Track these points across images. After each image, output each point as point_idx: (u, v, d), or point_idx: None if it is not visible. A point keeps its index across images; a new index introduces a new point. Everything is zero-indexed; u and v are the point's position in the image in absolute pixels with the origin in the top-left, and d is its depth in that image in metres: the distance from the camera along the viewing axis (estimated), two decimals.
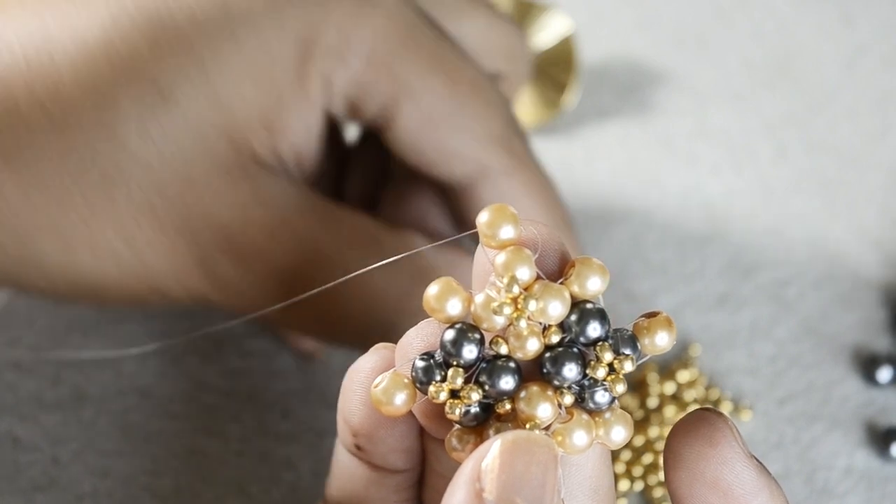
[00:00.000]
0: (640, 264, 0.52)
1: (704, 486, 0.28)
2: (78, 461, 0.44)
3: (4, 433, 0.45)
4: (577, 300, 0.27)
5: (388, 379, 0.28)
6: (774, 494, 0.29)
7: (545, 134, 0.56)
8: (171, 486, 0.44)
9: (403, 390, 0.28)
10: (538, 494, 0.26)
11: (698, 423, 0.28)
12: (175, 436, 0.45)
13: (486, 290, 0.27)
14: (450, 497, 0.26)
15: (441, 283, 0.27)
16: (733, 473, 0.28)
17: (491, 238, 0.27)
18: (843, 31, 0.59)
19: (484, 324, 0.27)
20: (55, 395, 0.46)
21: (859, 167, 0.55)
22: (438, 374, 0.27)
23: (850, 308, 0.50)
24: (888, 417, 0.47)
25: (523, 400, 0.27)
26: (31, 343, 0.48)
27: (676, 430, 0.29)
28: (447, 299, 0.27)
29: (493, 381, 0.27)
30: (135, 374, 0.47)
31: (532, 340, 0.27)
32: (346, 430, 0.31)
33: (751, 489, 0.28)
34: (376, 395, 0.28)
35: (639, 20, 0.60)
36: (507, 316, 0.27)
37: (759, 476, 0.28)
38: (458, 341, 0.27)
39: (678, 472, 0.28)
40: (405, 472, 0.31)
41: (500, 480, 0.25)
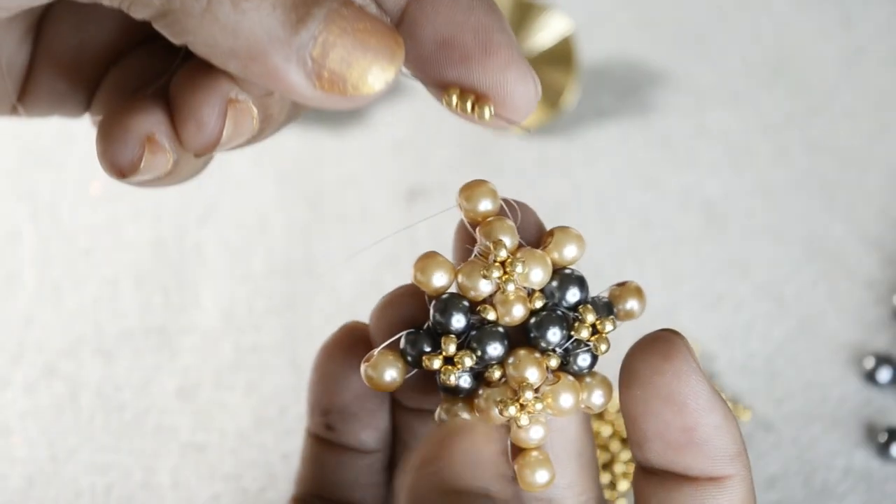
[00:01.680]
0: (639, 264, 0.52)
1: (659, 401, 0.27)
2: (75, 457, 0.44)
3: (1, 430, 0.45)
4: (557, 267, 0.29)
5: (377, 355, 0.29)
6: (728, 416, 0.28)
7: (545, 134, 0.56)
8: (168, 482, 0.44)
9: (393, 365, 0.28)
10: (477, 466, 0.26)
11: (654, 341, 0.28)
12: (172, 431, 0.45)
13: (471, 259, 0.28)
14: (410, 484, 0.27)
15: (426, 256, 0.28)
16: (688, 387, 0.27)
17: (471, 211, 0.28)
18: (843, 31, 0.59)
19: (471, 293, 0.28)
20: (51, 391, 0.46)
21: (859, 167, 0.55)
22: (427, 344, 0.28)
23: (848, 308, 0.50)
24: (887, 417, 0.47)
25: (512, 365, 0.28)
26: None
27: (633, 350, 0.28)
28: (433, 271, 0.28)
29: (483, 347, 0.28)
30: (132, 370, 0.47)
31: (518, 306, 0.28)
32: (318, 408, 0.31)
33: (705, 405, 0.27)
34: (367, 373, 0.28)
35: (639, 20, 0.60)
36: (496, 279, 0.28)
37: (713, 394, 0.28)
38: (447, 310, 0.28)
39: (633, 389, 0.28)
40: (376, 452, 0.31)
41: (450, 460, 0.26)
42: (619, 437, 0.47)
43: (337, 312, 0.49)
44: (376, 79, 0.26)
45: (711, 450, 0.28)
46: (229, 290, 0.50)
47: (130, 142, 0.28)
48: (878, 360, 0.48)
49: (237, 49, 0.25)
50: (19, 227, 0.52)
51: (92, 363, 0.48)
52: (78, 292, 0.50)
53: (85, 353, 0.48)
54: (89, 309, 0.49)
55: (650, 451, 0.28)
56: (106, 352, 0.48)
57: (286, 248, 0.52)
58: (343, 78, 0.26)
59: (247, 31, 0.25)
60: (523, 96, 0.27)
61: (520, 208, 0.29)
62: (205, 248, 0.51)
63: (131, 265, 0.51)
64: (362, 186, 0.54)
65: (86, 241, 0.52)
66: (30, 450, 0.45)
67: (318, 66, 0.25)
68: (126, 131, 0.28)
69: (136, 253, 0.51)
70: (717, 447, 0.28)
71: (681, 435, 0.27)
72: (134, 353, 0.48)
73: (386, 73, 0.26)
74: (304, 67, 0.25)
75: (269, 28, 0.25)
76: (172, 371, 0.47)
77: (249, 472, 0.44)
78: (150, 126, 0.28)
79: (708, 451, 0.28)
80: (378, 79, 0.26)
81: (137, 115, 0.28)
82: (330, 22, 0.25)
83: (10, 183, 0.54)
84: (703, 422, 0.27)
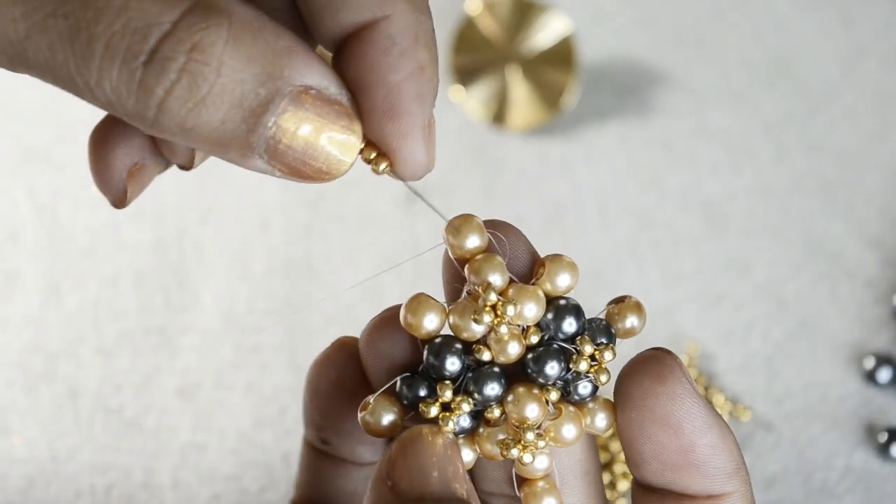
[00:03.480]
0: (639, 263, 0.52)
1: (654, 424, 0.27)
2: (75, 457, 0.44)
3: (2, 429, 0.45)
4: (551, 298, 0.28)
5: (373, 403, 0.28)
6: (725, 433, 0.28)
7: (545, 134, 0.56)
8: (168, 482, 0.44)
9: (390, 410, 0.28)
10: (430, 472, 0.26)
11: (647, 362, 0.28)
12: (173, 432, 0.45)
13: (461, 299, 0.27)
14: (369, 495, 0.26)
15: (415, 299, 0.27)
16: (683, 409, 0.27)
17: (458, 248, 0.28)
18: (843, 31, 0.59)
19: (463, 333, 0.27)
20: (51, 391, 0.46)
21: (859, 167, 0.55)
22: (423, 388, 0.28)
23: (848, 307, 0.50)
24: (887, 417, 0.47)
25: (511, 403, 0.27)
26: None
27: (626, 372, 0.28)
28: (424, 314, 0.27)
29: (480, 389, 0.27)
30: (132, 370, 0.47)
31: (513, 344, 0.27)
32: (312, 424, 0.31)
33: (701, 426, 0.27)
34: (365, 419, 0.28)
35: (639, 20, 0.60)
36: (488, 323, 0.27)
37: (709, 414, 0.27)
38: (441, 354, 0.27)
39: (628, 412, 0.28)
40: (373, 464, 0.31)
41: (401, 474, 0.26)
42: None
43: (337, 313, 0.49)
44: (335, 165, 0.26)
45: (709, 470, 0.27)
46: (229, 290, 0.50)
47: (116, 178, 0.29)
48: (878, 360, 0.48)
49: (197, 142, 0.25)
50: (19, 227, 0.52)
51: (92, 363, 0.48)
52: (78, 292, 0.50)
53: (85, 353, 0.48)
54: (89, 309, 0.49)
55: (647, 471, 0.28)
56: (106, 352, 0.48)
57: (286, 248, 0.52)
58: (303, 167, 0.26)
59: (204, 130, 0.25)
60: (414, 165, 0.27)
61: (509, 233, 0.28)
62: (205, 248, 0.51)
63: (131, 265, 0.51)
64: (362, 187, 0.54)
65: (86, 241, 0.52)
66: (30, 450, 0.45)
67: (276, 159, 0.25)
68: (109, 168, 0.29)
69: (136, 253, 0.51)
70: (714, 467, 0.27)
71: (677, 457, 0.27)
72: (134, 353, 0.48)
73: (344, 158, 0.26)
74: (264, 158, 0.25)
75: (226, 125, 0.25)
76: (172, 371, 0.47)
77: (249, 473, 0.44)
78: (130, 157, 0.29)
79: (706, 472, 0.27)
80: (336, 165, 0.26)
81: (117, 146, 0.29)
82: (284, 116, 0.25)
83: (10, 183, 0.53)
84: (700, 442, 0.27)
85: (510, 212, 0.53)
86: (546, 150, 0.55)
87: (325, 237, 0.52)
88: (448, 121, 0.56)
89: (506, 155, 0.55)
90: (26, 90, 0.57)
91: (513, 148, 0.55)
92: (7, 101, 0.56)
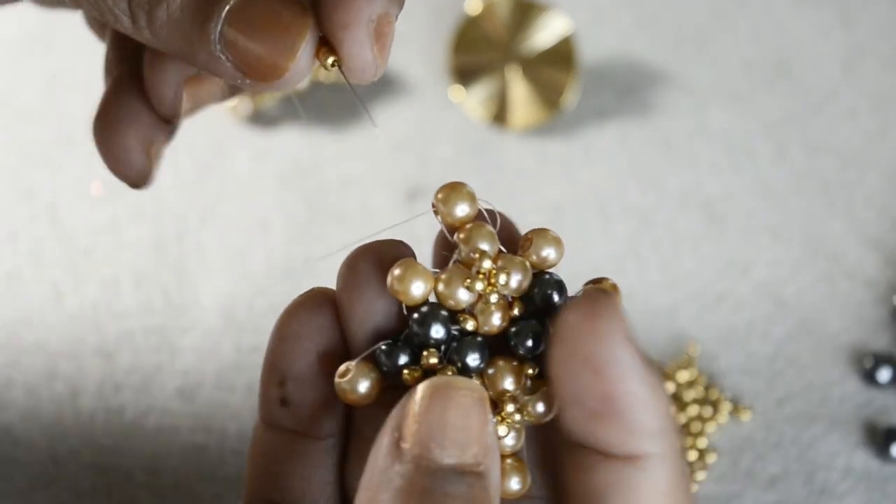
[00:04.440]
0: (639, 263, 0.52)
1: (579, 363, 0.25)
2: (76, 458, 0.44)
3: (3, 430, 0.45)
4: (536, 271, 0.28)
5: (354, 368, 0.28)
6: (654, 388, 0.25)
7: (545, 134, 0.56)
8: (169, 483, 0.44)
9: (368, 377, 0.28)
10: (460, 438, 0.25)
11: (584, 300, 0.26)
12: (173, 432, 0.45)
13: (451, 266, 0.27)
14: (374, 448, 0.25)
15: (403, 264, 0.27)
16: (610, 351, 0.25)
17: (448, 215, 0.28)
18: (843, 31, 0.59)
19: (449, 301, 0.27)
20: (52, 391, 0.46)
21: (859, 167, 0.55)
22: (404, 355, 0.27)
23: (848, 308, 0.50)
24: (887, 417, 0.47)
25: (491, 375, 0.27)
26: None
27: (563, 310, 0.26)
28: (411, 280, 0.27)
29: (463, 358, 0.27)
30: (130, 369, 0.47)
31: (497, 315, 0.27)
32: (274, 378, 0.30)
33: (627, 372, 0.25)
34: (341, 386, 0.28)
35: (639, 20, 0.60)
36: (480, 291, 0.27)
37: (638, 362, 0.25)
38: (426, 322, 0.27)
39: (556, 349, 0.26)
40: (328, 438, 0.30)
41: (416, 427, 0.25)
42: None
43: None
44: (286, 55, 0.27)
45: (631, 423, 0.25)
46: (229, 290, 0.50)
47: (135, 159, 0.30)
48: (878, 360, 0.48)
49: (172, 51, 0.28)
50: (19, 226, 0.52)
51: (92, 363, 0.47)
52: (78, 292, 0.50)
53: (85, 353, 0.48)
54: (89, 309, 0.49)
55: (569, 419, 0.26)
56: (106, 352, 0.48)
57: (286, 248, 0.52)
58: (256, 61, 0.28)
59: (166, 37, 0.28)
60: (360, 60, 0.28)
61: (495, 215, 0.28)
62: (205, 248, 0.51)
63: (131, 265, 0.51)
64: (362, 186, 0.54)
65: (86, 241, 0.52)
66: (30, 450, 0.45)
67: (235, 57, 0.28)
68: (125, 150, 0.29)
69: (136, 253, 0.51)
70: (636, 420, 0.25)
71: (599, 403, 0.25)
72: (134, 353, 0.48)
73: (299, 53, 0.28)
74: (226, 58, 0.28)
75: (183, 31, 0.28)
76: (173, 371, 0.47)
77: None
78: (143, 134, 0.30)
79: (627, 424, 0.25)
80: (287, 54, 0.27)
81: (129, 127, 0.30)
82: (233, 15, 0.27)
83: (10, 183, 0.53)
84: (623, 390, 0.25)
85: (510, 212, 0.53)
86: (546, 150, 0.55)
87: (325, 237, 0.52)
88: (448, 121, 0.56)
89: (506, 155, 0.55)
90: (26, 90, 0.56)
91: (513, 148, 0.55)
92: (7, 101, 0.56)
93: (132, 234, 0.52)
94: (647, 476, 0.26)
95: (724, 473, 0.46)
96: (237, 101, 0.55)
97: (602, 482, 0.26)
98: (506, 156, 0.55)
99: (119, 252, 0.51)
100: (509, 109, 0.55)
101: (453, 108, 0.56)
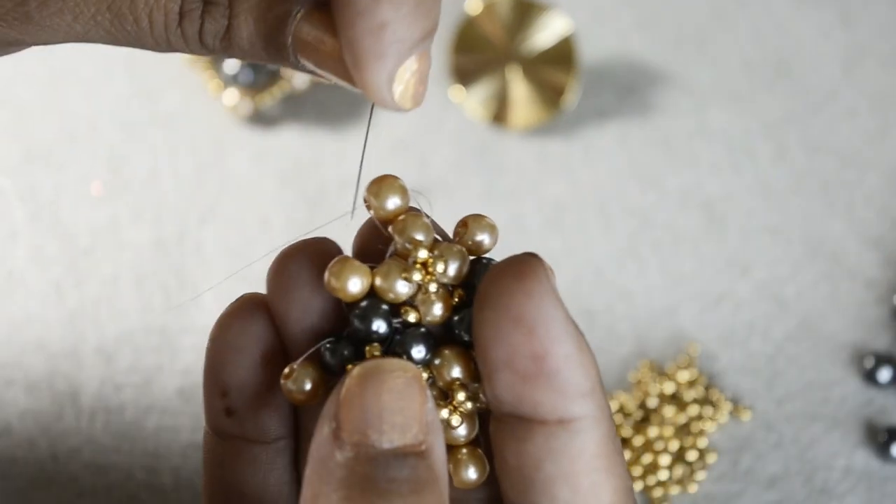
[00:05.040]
0: (639, 263, 0.52)
1: (509, 323, 0.25)
2: (76, 458, 0.44)
3: (3, 430, 0.45)
4: (474, 258, 0.28)
5: (297, 368, 0.27)
6: (582, 347, 0.25)
7: (545, 134, 0.56)
8: (169, 483, 0.44)
9: (312, 376, 0.27)
10: (398, 421, 0.25)
11: (510, 263, 0.26)
12: (173, 432, 0.45)
13: (387, 260, 0.27)
14: (314, 440, 0.25)
15: (339, 261, 0.27)
16: (540, 310, 0.25)
17: (380, 209, 0.28)
18: (843, 31, 0.59)
19: (389, 295, 0.27)
20: (52, 391, 0.46)
21: (859, 167, 0.55)
22: (348, 352, 0.27)
23: (849, 308, 0.50)
24: (888, 417, 0.47)
25: (438, 365, 0.27)
26: None
27: (489, 273, 0.26)
28: (348, 277, 0.27)
29: (407, 351, 0.27)
30: (130, 369, 0.47)
31: (438, 304, 0.27)
32: (216, 390, 0.29)
33: (557, 332, 0.25)
34: (288, 388, 0.27)
35: (639, 20, 0.60)
36: (418, 281, 0.27)
37: (568, 322, 0.25)
38: (367, 317, 0.27)
39: (485, 311, 0.25)
40: (279, 441, 0.30)
41: (351, 415, 0.25)
42: (619, 437, 0.47)
43: None
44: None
45: (562, 383, 0.25)
46: (229, 290, 0.50)
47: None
48: (878, 360, 0.48)
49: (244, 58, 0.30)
50: (19, 226, 0.52)
51: (92, 363, 0.48)
52: (78, 292, 0.50)
53: (85, 353, 0.48)
54: (89, 309, 0.49)
55: (499, 383, 0.26)
56: (106, 352, 0.48)
57: None
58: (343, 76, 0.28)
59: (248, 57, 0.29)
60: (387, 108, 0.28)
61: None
62: (205, 248, 0.51)
63: (131, 265, 0.51)
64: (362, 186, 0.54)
65: (86, 241, 0.52)
66: (30, 450, 0.45)
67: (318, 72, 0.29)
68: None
69: (136, 253, 0.51)
70: (568, 381, 0.25)
71: (530, 363, 0.25)
72: (134, 353, 0.48)
73: None
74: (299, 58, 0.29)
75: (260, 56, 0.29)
76: (173, 371, 0.47)
77: None
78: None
79: (558, 385, 0.25)
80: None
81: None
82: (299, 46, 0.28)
83: (10, 183, 0.53)
84: (554, 350, 0.25)
85: (510, 212, 0.53)
86: (546, 150, 0.55)
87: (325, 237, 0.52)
88: (448, 121, 0.56)
89: (506, 155, 0.55)
90: (26, 90, 0.56)
91: (513, 148, 0.55)
92: (7, 101, 0.56)
93: (132, 234, 0.52)
94: (581, 439, 0.26)
95: (724, 473, 0.46)
96: (237, 101, 0.55)
97: (536, 450, 0.26)
98: (506, 156, 0.55)
99: (119, 252, 0.51)
100: (509, 109, 0.55)
101: (453, 108, 0.56)
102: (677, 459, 0.46)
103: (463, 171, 0.54)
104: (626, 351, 0.49)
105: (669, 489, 0.45)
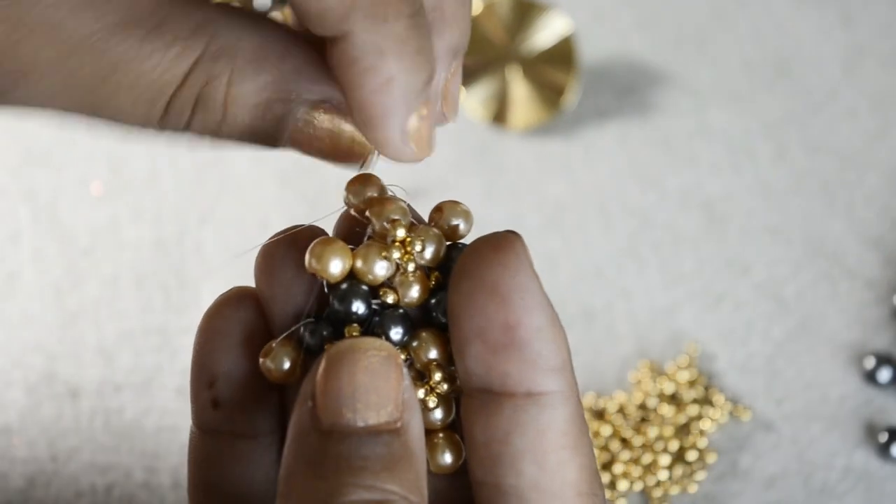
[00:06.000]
0: (639, 263, 0.52)
1: (483, 293, 0.25)
2: (76, 458, 0.44)
3: (3, 430, 0.45)
4: (450, 243, 0.28)
5: (276, 346, 0.28)
6: (555, 323, 0.26)
7: (545, 134, 0.56)
8: (169, 483, 0.44)
9: (290, 356, 0.27)
10: (372, 399, 0.25)
11: (489, 237, 0.26)
12: (173, 432, 0.45)
13: (365, 242, 0.27)
14: (291, 421, 0.25)
15: (321, 242, 0.27)
16: (514, 281, 0.25)
17: (359, 199, 0.28)
18: (843, 31, 0.59)
19: (368, 277, 0.27)
20: (51, 391, 0.46)
21: (859, 167, 0.55)
22: (327, 332, 0.27)
23: (848, 307, 0.50)
24: (887, 417, 0.47)
25: (415, 347, 0.27)
26: None
27: (466, 249, 0.26)
28: (329, 258, 0.27)
29: (385, 332, 0.27)
30: (130, 369, 0.47)
31: (415, 286, 0.27)
32: (203, 381, 0.29)
33: (530, 303, 0.25)
34: (267, 366, 0.28)
35: (639, 20, 0.60)
36: (396, 260, 0.27)
37: (542, 295, 0.26)
38: (347, 298, 0.27)
39: (460, 284, 0.26)
40: (266, 436, 0.29)
41: (326, 394, 0.25)
42: (619, 437, 0.47)
43: None
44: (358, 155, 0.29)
45: (532, 355, 0.25)
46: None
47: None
48: (878, 360, 0.48)
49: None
50: (19, 227, 0.52)
51: (92, 363, 0.48)
52: (78, 292, 0.50)
53: (85, 353, 0.48)
54: (89, 309, 0.49)
55: (470, 356, 0.26)
56: (106, 352, 0.48)
57: None
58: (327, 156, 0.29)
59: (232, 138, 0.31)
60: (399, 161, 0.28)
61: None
62: (205, 248, 0.51)
63: (131, 265, 0.51)
64: None
65: (86, 241, 0.52)
66: (30, 450, 0.45)
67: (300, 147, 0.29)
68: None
69: (136, 253, 0.51)
70: (538, 353, 0.25)
71: (501, 334, 0.25)
72: (134, 353, 0.48)
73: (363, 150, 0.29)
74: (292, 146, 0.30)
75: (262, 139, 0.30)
76: (173, 371, 0.47)
77: None
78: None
79: (528, 356, 0.25)
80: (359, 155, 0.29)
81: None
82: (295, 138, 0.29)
83: (10, 183, 0.53)
84: (526, 321, 0.25)
85: (510, 212, 0.53)
86: (546, 150, 0.55)
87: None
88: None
89: (506, 155, 0.55)
90: None
91: (513, 148, 0.55)
92: None
93: (132, 234, 0.52)
94: (549, 414, 0.26)
95: (724, 473, 0.46)
96: None
97: (504, 422, 0.26)
98: (506, 156, 0.55)
99: (119, 252, 0.51)
100: (509, 109, 0.55)
101: None
102: (677, 459, 0.46)
103: (463, 170, 0.54)
104: (626, 351, 0.49)
105: (669, 489, 0.45)
